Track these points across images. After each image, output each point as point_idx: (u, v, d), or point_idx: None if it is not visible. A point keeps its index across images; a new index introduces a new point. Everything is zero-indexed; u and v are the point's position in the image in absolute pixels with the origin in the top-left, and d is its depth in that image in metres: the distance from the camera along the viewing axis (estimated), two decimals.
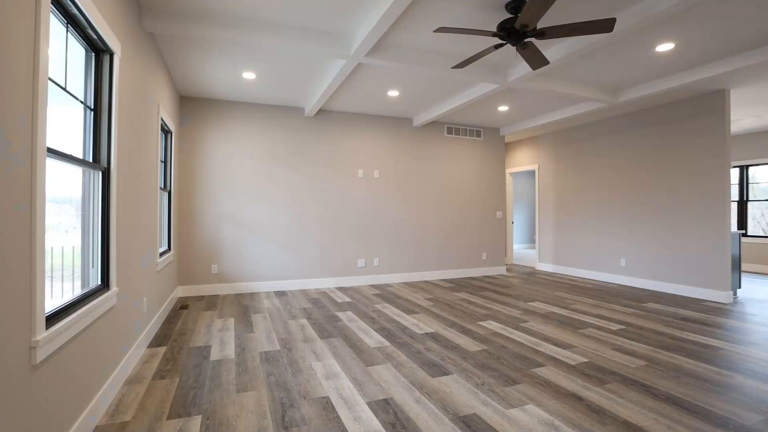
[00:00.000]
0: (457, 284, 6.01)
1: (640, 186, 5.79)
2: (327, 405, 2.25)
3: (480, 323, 3.87)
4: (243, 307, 4.57)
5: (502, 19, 3.09)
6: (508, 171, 8.45)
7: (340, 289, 5.67)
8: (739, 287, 5.14)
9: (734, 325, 3.82)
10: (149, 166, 3.33)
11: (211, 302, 4.78)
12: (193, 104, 5.21)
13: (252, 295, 5.19)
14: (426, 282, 6.23)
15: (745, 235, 7.52)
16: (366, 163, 6.12)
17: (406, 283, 6.09)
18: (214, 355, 3.03)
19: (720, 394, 2.38)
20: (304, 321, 3.98)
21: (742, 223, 7.56)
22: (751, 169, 7.51)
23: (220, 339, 3.41)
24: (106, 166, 2.28)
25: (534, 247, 11.82)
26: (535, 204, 7.68)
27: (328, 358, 2.96)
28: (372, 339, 3.42)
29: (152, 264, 3.47)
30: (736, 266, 5.04)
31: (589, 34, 2.83)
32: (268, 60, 4.03)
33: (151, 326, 3.41)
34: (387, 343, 3.30)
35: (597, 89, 4.92)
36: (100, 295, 2.14)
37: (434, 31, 2.82)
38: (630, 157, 5.95)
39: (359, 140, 6.08)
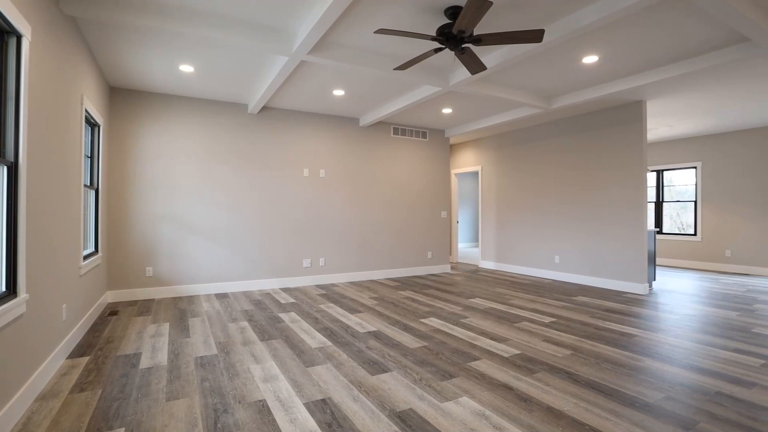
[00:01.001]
0: (403, 283, 6.11)
1: (570, 188, 6.21)
2: (263, 408, 2.20)
3: (422, 320, 3.97)
4: (180, 311, 4.34)
5: (441, 24, 3.19)
6: (453, 172, 8.71)
7: (285, 289, 5.56)
8: (654, 279, 5.67)
9: (648, 314, 4.21)
10: (71, 162, 3.07)
11: (145, 307, 4.50)
12: (125, 96, 4.87)
13: (191, 299, 4.95)
14: (372, 281, 6.27)
15: (660, 232, 8.30)
16: (312, 162, 6.05)
17: (352, 283, 6.09)
18: (144, 362, 2.86)
19: (632, 377, 2.61)
20: (245, 323, 3.86)
21: (659, 222, 8.34)
22: (666, 173, 8.29)
23: (152, 345, 3.22)
24: (12, 160, 2.07)
25: (478, 246, 12.28)
26: (479, 204, 7.98)
27: (267, 361, 2.89)
28: (314, 339, 3.39)
29: (74, 267, 3.20)
30: (652, 261, 5.55)
31: (520, 42, 2.99)
32: (207, 53, 3.86)
33: (73, 335, 3.15)
34: (329, 343, 3.28)
35: (533, 96, 5.20)
36: (5, 302, 1.94)
37: (374, 32, 2.85)
38: (562, 161, 6.35)
39: (305, 139, 6.00)
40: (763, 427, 2.02)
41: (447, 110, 5.96)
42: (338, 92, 5.10)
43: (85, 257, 3.71)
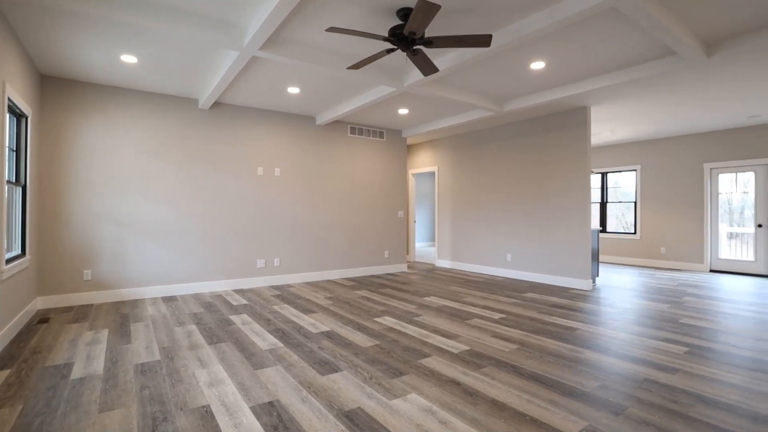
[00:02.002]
0: (360, 282, 6.10)
1: (522, 189, 6.45)
2: (206, 414, 2.12)
3: (376, 319, 3.98)
4: (122, 316, 4.10)
5: (393, 25, 3.21)
6: (411, 172, 8.81)
7: (238, 291, 5.40)
8: (598, 276, 6.01)
9: (590, 308, 4.45)
10: None
11: (81, 313, 4.21)
12: (60, 86, 4.53)
13: (135, 303, 4.68)
14: (329, 281, 6.21)
15: (604, 231, 8.82)
16: (267, 161, 5.91)
17: (308, 283, 6.01)
18: (77, 372, 2.67)
19: (571, 368, 2.75)
20: (193, 327, 3.71)
21: (604, 221, 8.86)
22: (610, 175, 8.82)
23: (86, 354, 3.01)
24: None
25: (435, 245, 12.48)
26: (435, 204, 8.13)
27: (214, 365, 2.79)
28: (265, 341, 3.31)
29: None
30: (595, 258, 5.88)
31: (469, 46, 3.06)
32: (151, 44, 3.66)
33: None
34: (280, 345, 3.22)
35: (485, 98, 5.36)
36: None
37: (326, 30, 2.83)
38: (514, 162, 6.59)
39: (259, 137, 5.85)
40: (682, 408, 2.18)
41: (403, 111, 6.02)
42: (293, 90, 5.01)
43: (9, 260, 3.42)
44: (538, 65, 4.17)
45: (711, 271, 7.32)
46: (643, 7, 2.77)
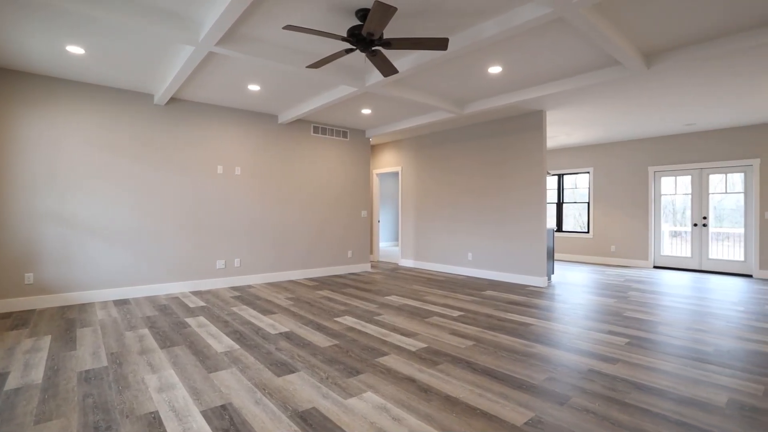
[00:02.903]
0: (322, 282, 6.07)
1: (482, 189, 6.64)
2: (154, 420, 2.05)
3: (336, 319, 3.98)
4: (67, 321, 3.89)
5: (352, 25, 3.22)
6: (375, 172, 8.85)
7: (196, 293, 5.24)
8: (553, 273, 6.27)
9: (545, 304, 4.64)
10: None
11: (21, 319, 3.95)
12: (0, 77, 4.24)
13: (83, 307, 4.45)
14: (291, 281, 6.14)
15: (560, 230, 9.21)
16: (226, 159, 5.76)
17: (269, 284, 5.92)
18: (12, 383, 2.51)
19: (523, 362, 2.86)
20: (145, 331, 3.57)
21: (560, 221, 9.25)
22: (566, 177, 9.22)
23: (24, 363, 2.84)
24: None
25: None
26: (399, 204, 8.21)
27: (165, 369, 2.70)
28: (221, 344, 3.24)
29: None
30: (551, 256, 6.13)
31: (427, 49, 3.13)
32: (100, 35, 3.49)
33: None
34: (237, 347, 3.16)
35: (446, 101, 5.47)
36: None
37: (283, 28, 2.80)
38: (475, 163, 6.77)
39: (219, 134, 5.70)
40: (619, 395, 2.33)
41: (366, 111, 6.04)
42: (254, 87, 4.92)
43: None
44: (495, 69, 4.30)
45: (654, 267, 7.82)
46: (589, 19, 2.93)
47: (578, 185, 9.02)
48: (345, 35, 3.36)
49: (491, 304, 4.66)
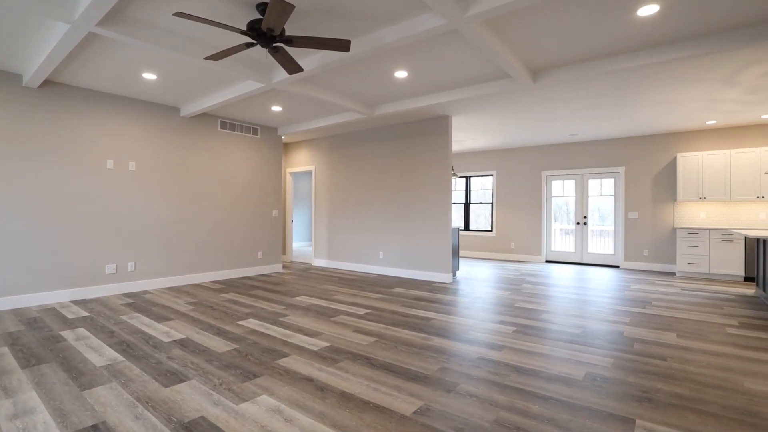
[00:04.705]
0: (229, 285, 5.79)
1: (393, 189, 6.84)
2: None
3: (239, 323, 3.82)
4: None
5: (252, 19, 3.12)
6: (288, 171, 8.66)
7: (79, 302, 4.67)
8: (458, 269, 6.68)
9: (448, 299, 4.93)
10: None
11: None
12: None
13: None
14: (194, 285, 5.76)
15: (467, 229, 9.85)
16: (118, 153, 5.22)
17: (169, 288, 5.49)
18: None
19: (420, 355, 3.02)
20: (4, 350, 3.09)
21: (468, 220, 9.88)
22: (473, 179, 9.87)
23: None
24: None
25: None
26: (312, 203, 8.13)
27: (25, 392, 2.37)
28: (102, 357, 2.93)
29: None
30: (456, 254, 6.53)
31: (330, 49, 3.15)
32: None
33: None
34: (121, 359, 2.88)
35: (357, 101, 5.54)
36: None
37: (173, 15, 2.62)
38: (386, 164, 6.95)
39: (109, 125, 5.14)
40: (501, 378, 2.57)
41: (276, 108, 5.88)
42: (149, 76, 4.52)
43: None
44: (401, 74, 4.46)
45: (546, 261, 8.72)
46: (479, 34, 3.18)
47: (484, 187, 9.71)
48: (245, 29, 3.25)
49: (398, 300, 4.83)
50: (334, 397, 2.32)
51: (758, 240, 5.23)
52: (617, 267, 7.89)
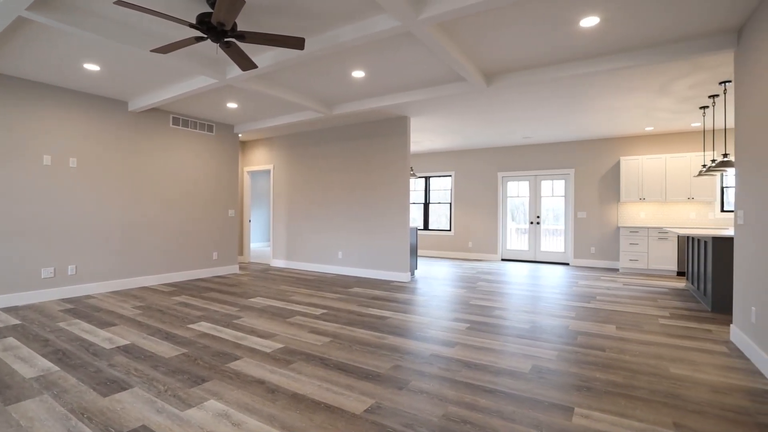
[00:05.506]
0: (181, 287, 5.56)
1: (352, 189, 6.83)
2: None
3: (190, 326, 3.69)
4: None
5: (202, 12, 3.02)
6: (246, 169, 8.44)
7: (9, 309, 4.32)
8: (416, 269, 6.77)
9: (405, 298, 4.99)
10: None
11: None
12: None
13: None
14: (143, 288, 5.49)
15: (427, 229, 10.00)
16: (57, 148, 4.88)
17: (115, 292, 5.20)
18: None
19: (374, 353, 3.04)
20: None
21: (427, 219, 10.03)
22: (432, 179, 10.04)
23: None
24: None
25: None
26: (270, 202, 7.97)
27: None
28: (33, 368, 2.73)
29: None
30: (414, 253, 6.61)
31: (283, 47, 3.10)
32: None
33: None
34: (55, 369, 2.70)
35: (314, 100, 5.49)
36: None
37: (114, 3, 2.49)
38: (345, 164, 6.93)
39: (45, 118, 4.79)
40: (451, 374, 2.64)
41: (232, 105, 5.72)
42: (91, 67, 4.26)
43: None
44: (359, 74, 4.47)
45: (502, 259, 9.03)
46: (434, 37, 3.24)
47: (443, 187, 9.90)
48: (194, 22, 3.14)
49: (355, 300, 4.83)
50: (285, 399, 2.29)
51: (688, 238, 5.67)
52: (567, 264, 8.29)
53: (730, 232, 4.77)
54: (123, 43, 3.40)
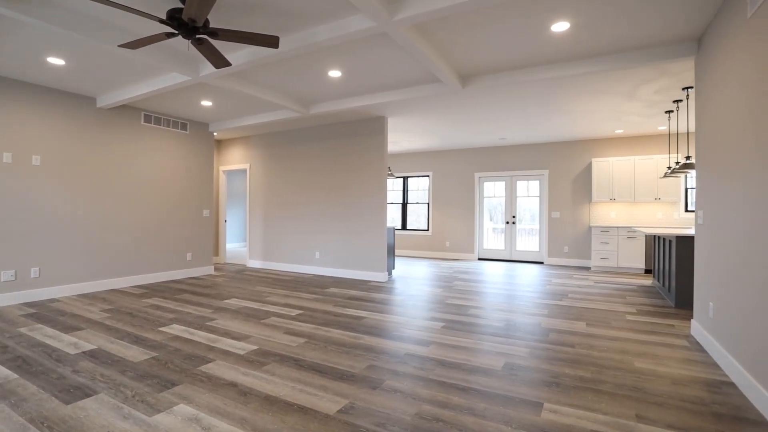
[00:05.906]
0: (153, 289, 5.42)
1: (329, 189, 6.80)
2: None
3: (161, 329, 3.60)
4: None
5: (172, 7, 2.95)
6: (221, 169, 8.29)
7: None
8: (394, 268, 6.80)
9: (382, 297, 5.00)
10: None
11: None
12: None
13: None
14: (113, 291, 5.32)
15: (405, 228, 10.05)
16: (18, 145, 4.67)
17: (83, 295, 5.02)
18: None
19: (349, 354, 3.04)
20: None
21: (405, 219, 10.08)
22: (410, 179, 10.09)
23: None
24: None
25: None
26: (247, 202, 7.85)
27: None
28: None
29: None
30: (391, 253, 6.64)
31: (257, 45, 3.06)
32: None
33: None
34: (14, 377, 2.59)
35: (291, 99, 5.44)
36: None
37: None
38: (322, 164, 6.90)
39: (7, 113, 4.58)
40: (422, 372, 2.66)
41: (207, 103, 5.60)
42: (56, 61, 4.10)
43: None
44: (335, 73, 4.45)
45: (479, 259, 9.16)
46: (409, 38, 3.26)
47: (421, 187, 9.97)
48: (164, 17, 3.07)
49: (332, 300, 4.81)
50: (258, 402, 2.26)
51: (655, 237, 5.89)
52: (542, 263, 8.48)
53: (692, 231, 4.99)
54: (89, 37, 3.28)
